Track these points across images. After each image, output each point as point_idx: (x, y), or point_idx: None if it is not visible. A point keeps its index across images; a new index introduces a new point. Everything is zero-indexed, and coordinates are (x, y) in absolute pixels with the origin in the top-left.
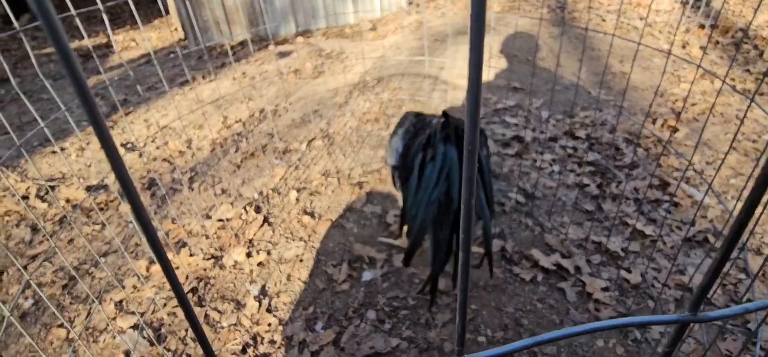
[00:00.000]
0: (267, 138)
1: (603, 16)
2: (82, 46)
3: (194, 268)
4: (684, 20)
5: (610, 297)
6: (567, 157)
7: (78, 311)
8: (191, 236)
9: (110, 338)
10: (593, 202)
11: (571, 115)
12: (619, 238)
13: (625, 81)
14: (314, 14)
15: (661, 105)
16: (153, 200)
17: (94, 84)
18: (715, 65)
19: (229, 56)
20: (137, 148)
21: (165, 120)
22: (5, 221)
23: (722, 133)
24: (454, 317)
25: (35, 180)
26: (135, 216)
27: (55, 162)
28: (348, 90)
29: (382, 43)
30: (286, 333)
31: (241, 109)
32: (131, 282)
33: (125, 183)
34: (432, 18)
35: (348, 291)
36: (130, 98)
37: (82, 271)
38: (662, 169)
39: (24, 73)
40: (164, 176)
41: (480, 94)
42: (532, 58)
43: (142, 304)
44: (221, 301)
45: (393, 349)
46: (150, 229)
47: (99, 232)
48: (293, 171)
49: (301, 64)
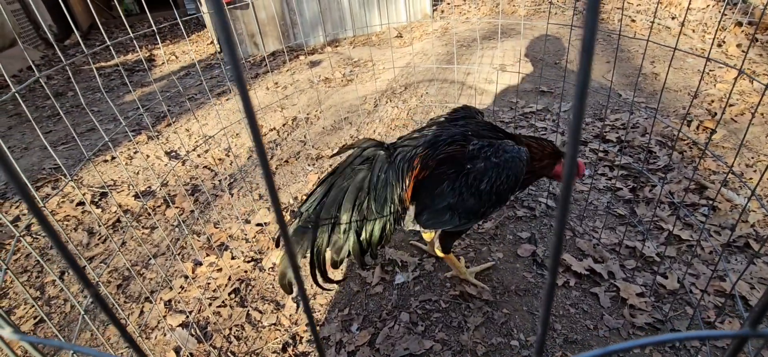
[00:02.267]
0: (300, 145)
1: (632, 16)
2: (126, 61)
3: (236, 271)
4: (720, 18)
5: (645, 303)
6: (598, 160)
7: (132, 309)
8: (232, 240)
9: (161, 335)
10: (626, 206)
11: (602, 118)
12: (654, 243)
13: (657, 82)
14: (342, 24)
15: (696, 106)
16: (196, 206)
17: (139, 96)
18: (754, 64)
19: (262, 67)
20: (181, 156)
21: (205, 129)
22: (65, 225)
23: (763, 135)
24: (486, 321)
25: (90, 187)
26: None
27: (107, 170)
28: (376, 97)
29: (409, 50)
30: (323, 333)
31: (275, 118)
32: (179, 282)
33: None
34: (457, 24)
35: (381, 293)
36: (173, 109)
37: (135, 272)
38: (699, 172)
39: (76, 88)
40: (206, 182)
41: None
42: (559, 62)
43: (190, 304)
44: (262, 301)
45: (427, 350)
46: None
47: (148, 236)
48: None
49: (331, 72)
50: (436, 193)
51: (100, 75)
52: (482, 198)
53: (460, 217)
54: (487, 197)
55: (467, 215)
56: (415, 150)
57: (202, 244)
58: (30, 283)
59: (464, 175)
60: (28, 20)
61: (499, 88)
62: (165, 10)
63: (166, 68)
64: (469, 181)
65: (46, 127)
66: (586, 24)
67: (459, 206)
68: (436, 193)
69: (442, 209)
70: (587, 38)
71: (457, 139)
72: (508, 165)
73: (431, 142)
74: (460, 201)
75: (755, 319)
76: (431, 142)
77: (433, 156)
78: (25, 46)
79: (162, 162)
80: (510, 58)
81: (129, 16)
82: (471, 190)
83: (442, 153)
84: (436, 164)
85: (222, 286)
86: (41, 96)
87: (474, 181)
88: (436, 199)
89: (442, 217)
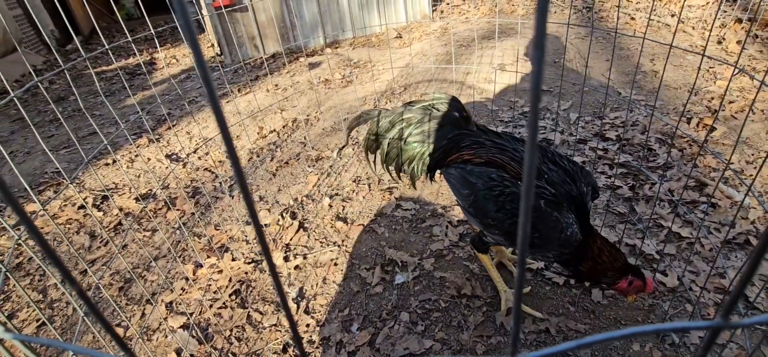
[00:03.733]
0: (300, 147)
1: (631, 14)
2: (127, 65)
3: (236, 272)
4: (720, 15)
5: (643, 301)
6: (597, 158)
7: (133, 311)
8: (233, 241)
9: (163, 337)
10: (626, 204)
11: (601, 117)
12: (653, 240)
13: (657, 80)
14: (342, 25)
15: (695, 103)
16: (197, 208)
17: (140, 100)
18: (754, 60)
19: (262, 69)
20: (181, 159)
21: (205, 132)
22: (67, 229)
23: (764, 131)
24: (485, 319)
25: (92, 190)
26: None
27: (108, 173)
28: (376, 98)
29: (408, 51)
30: (324, 334)
31: (275, 119)
32: (180, 284)
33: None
34: (456, 24)
35: (381, 294)
36: (173, 112)
37: (136, 275)
38: (698, 170)
39: (77, 92)
40: (207, 185)
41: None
42: (559, 60)
43: (191, 305)
44: (262, 302)
45: (427, 350)
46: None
47: (150, 238)
48: (326, 178)
49: (331, 74)
50: (475, 170)
51: (101, 79)
52: (498, 213)
53: (473, 206)
54: (501, 218)
55: (477, 212)
56: (482, 143)
57: (203, 246)
58: (32, 287)
59: (509, 182)
60: (30, 26)
61: (499, 87)
62: (166, 14)
63: (166, 72)
64: (504, 190)
65: (48, 132)
66: (536, 25)
67: (479, 195)
68: (474, 169)
69: (468, 183)
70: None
71: (522, 163)
72: (545, 220)
73: (502, 148)
74: (483, 194)
75: (727, 310)
76: (502, 148)
77: (490, 154)
78: (28, 51)
79: (163, 165)
80: (509, 57)
81: (130, 20)
82: (497, 197)
83: (499, 158)
84: (488, 161)
85: (223, 288)
86: (43, 100)
87: (507, 194)
88: (471, 173)
89: (463, 189)
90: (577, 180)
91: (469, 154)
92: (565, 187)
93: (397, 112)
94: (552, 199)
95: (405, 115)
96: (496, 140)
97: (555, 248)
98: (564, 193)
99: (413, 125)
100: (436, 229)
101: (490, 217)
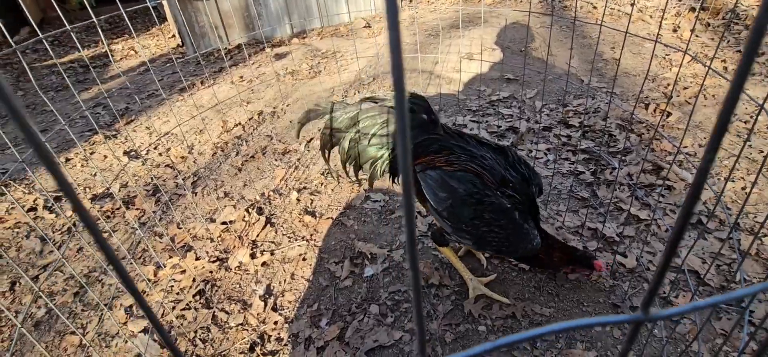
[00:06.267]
0: (266, 140)
1: (594, 3)
2: (81, 58)
3: (200, 271)
4: (675, 4)
5: (604, 282)
6: (561, 145)
7: (90, 318)
8: (196, 240)
9: (122, 342)
10: (588, 189)
11: (565, 104)
12: (614, 223)
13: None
14: (309, 15)
15: (653, 90)
16: (158, 206)
17: (95, 94)
18: (706, 47)
19: (226, 61)
20: (140, 155)
21: (166, 127)
22: (15, 233)
23: (714, 115)
24: (454, 308)
25: (42, 192)
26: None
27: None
28: (344, 89)
29: (377, 41)
30: (292, 330)
31: (240, 113)
32: (140, 287)
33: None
34: (425, 13)
35: (351, 287)
36: (132, 106)
37: (92, 279)
38: (655, 154)
39: (25, 86)
40: (168, 182)
41: None
42: (524, 49)
43: (152, 308)
44: (228, 301)
45: (396, 341)
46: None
47: (106, 240)
48: (293, 171)
49: (298, 65)
50: (457, 175)
51: (53, 72)
52: (474, 219)
53: (448, 210)
54: (477, 225)
55: (451, 216)
56: (452, 149)
57: (165, 245)
58: None
59: (489, 192)
60: None
61: (467, 76)
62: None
63: (124, 64)
64: (483, 199)
65: None
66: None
67: (458, 201)
68: (456, 174)
69: (448, 188)
70: (392, 37)
71: (494, 173)
72: (518, 231)
73: (471, 155)
74: (462, 199)
75: (646, 303)
76: (471, 155)
77: (461, 163)
78: None
79: (121, 162)
80: (476, 46)
81: (84, 10)
82: (476, 204)
83: (472, 167)
84: (461, 170)
85: (186, 288)
86: None
87: (486, 203)
88: (452, 177)
89: (440, 192)
90: (531, 184)
91: (441, 162)
92: (527, 193)
93: (356, 109)
94: (522, 209)
95: (368, 114)
96: (464, 146)
97: (519, 253)
98: (525, 200)
99: (378, 125)
100: None
101: (465, 223)
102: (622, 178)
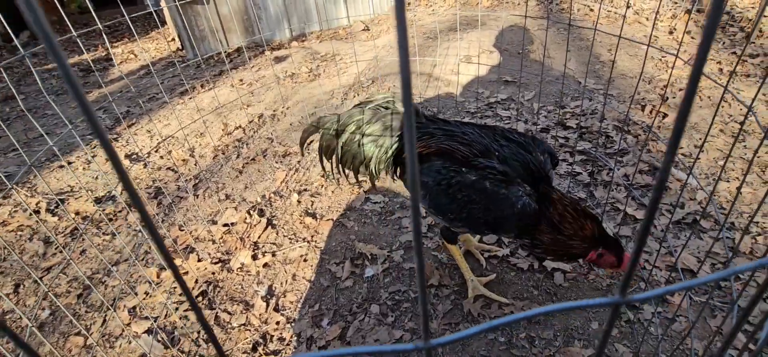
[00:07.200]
0: (267, 143)
1: (590, 6)
2: (82, 61)
3: (203, 273)
4: (671, 6)
5: (601, 281)
6: (559, 147)
7: (94, 319)
8: (198, 242)
9: (126, 343)
10: (585, 189)
11: (562, 106)
12: (611, 223)
13: (614, 70)
14: (308, 18)
15: (649, 91)
16: (160, 209)
17: (96, 97)
18: None
19: (226, 64)
20: (142, 158)
21: (167, 130)
22: (18, 236)
23: (710, 117)
24: (453, 308)
25: (45, 194)
26: (144, 225)
27: (64, 176)
28: (343, 91)
29: (375, 44)
30: (294, 330)
31: (240, 116)
32: (143, 288)
33: (133, 194)
34: (423, 16)
35: (351, 287)
36: (133, 110)
37: (96, 281)
38: (651, 155)
39: (27, 90)
40: (169, 185)
41: None
42: (522, 52)
43: (155, 309)
44: (230, 302)
45: (396, 341)
46: (158, 237)
47: (109, 242)
48: (294, 174)
49: (297, 68)
50: (423, 168)
51: (53, 76)
52: (452, 204)
53: (431, 204)
54: (457, 209)
55: (436, 208)
56: (432, 133)
57: (167, 247)
58: None
59: (454, 172)
60: None
61: (465, 79)
62: (125, 6)
63: (124, 67)
64: (451, 181)
65: None
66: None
67: (432, 192)
68: (423, 168)
69: (421, 184)
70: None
71: (475, 146)
72: (494, 199)
73: (451, 134)
74: (435, 190)
75: (623, 287)
76: (451, 134)
77: (439, 143)
78: None
79: (123, 165)
80: (475, 49)
81: (84, 14)
82: (447, 189)
83: (447, 145)
84: (438, 151)
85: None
86: None
87: (455, 185)
88: (420, 172)
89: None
90: (532, 150)
91: (420, 147)
92: (519, 159)
93: (346, 114)
94: (500, 177)
95: (355, 117)
96: (444, 127)
97: (513, 224)
98: (517, 167)
99: (366, 125)
100: (405, 221)
101: (447, 210)
102: (618, 178)
